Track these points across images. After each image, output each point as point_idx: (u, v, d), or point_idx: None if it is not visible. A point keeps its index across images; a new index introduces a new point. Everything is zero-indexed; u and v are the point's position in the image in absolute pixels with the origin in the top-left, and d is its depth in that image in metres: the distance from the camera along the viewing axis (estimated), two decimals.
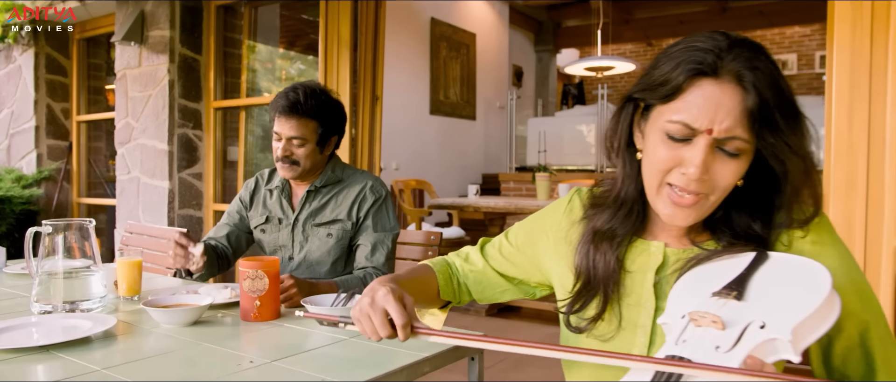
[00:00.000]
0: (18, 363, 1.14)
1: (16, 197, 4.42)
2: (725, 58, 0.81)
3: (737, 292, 0.77)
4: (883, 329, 0.87)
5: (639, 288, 0.93)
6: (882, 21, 1.84)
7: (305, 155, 1.85)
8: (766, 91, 0.80)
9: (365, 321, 0.91)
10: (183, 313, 1.39)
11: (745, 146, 0.82)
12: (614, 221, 0.95)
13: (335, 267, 1.87)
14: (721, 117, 0.80)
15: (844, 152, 1.91)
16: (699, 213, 0.87)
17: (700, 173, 0.82)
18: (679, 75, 0.83)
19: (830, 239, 0.88)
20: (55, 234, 1.48)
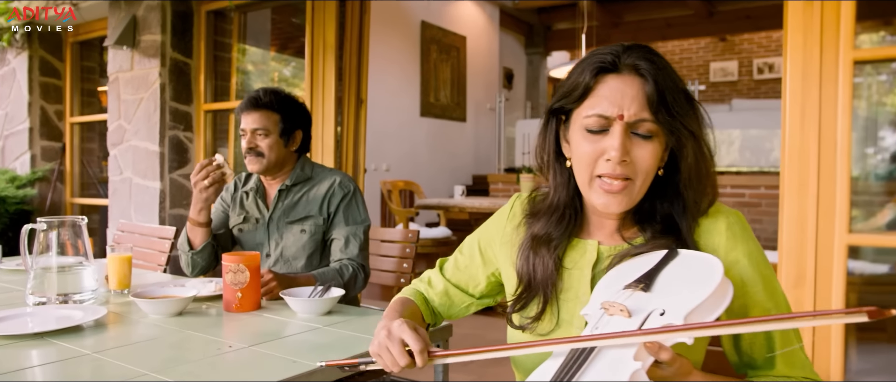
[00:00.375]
0: (15, 348, 1.23)
1: (10, 198, 4.50)
2: (623, 56, 0.94)
3: (644, 284, 0.87)
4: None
5: (577, 284, 1.01)
6: (832, 30, 1.95)
7: (269, 146, 1.96)
8: (660, 79, 0.92)
9: (384, 353, 0.95)
10: (169, 304, 1.49)
11: (653, 127, 0.93)
12: (549, 226, 1.04)
13: (311, 261, 1.97)
14: (628, 103, 0.92)
15: (797, 154, 2.01)
16: (630, 198, 0.96)
17: (621, 155, 0.92)
18: (587, 76, 0.95)
19: (744, 237, 0.97)
20: (50, 231, 1.57)
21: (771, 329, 0.79)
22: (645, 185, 0.97)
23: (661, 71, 0.93)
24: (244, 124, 1.98)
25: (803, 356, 0.97)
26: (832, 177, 1.97)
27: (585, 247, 1.03)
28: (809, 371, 0.96)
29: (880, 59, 2.02)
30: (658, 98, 0.91)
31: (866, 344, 2.14)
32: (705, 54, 10.22)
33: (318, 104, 3.36)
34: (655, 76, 0.92)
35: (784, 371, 0.95)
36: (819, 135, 1.98)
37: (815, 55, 1.97)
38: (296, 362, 1.16)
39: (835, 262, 1.97)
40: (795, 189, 2.02)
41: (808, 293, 2.01)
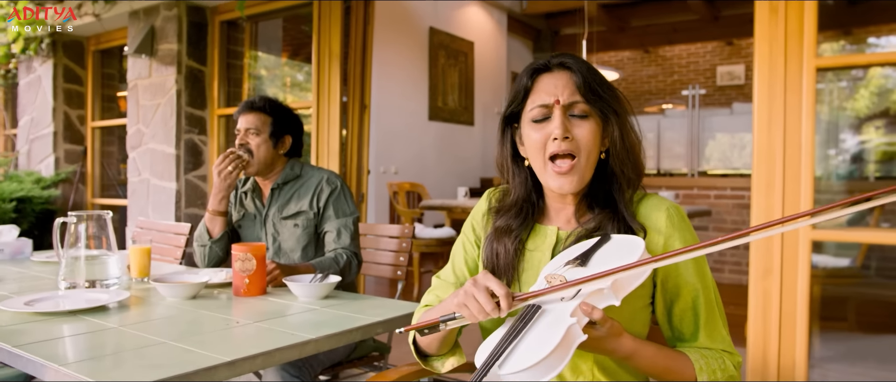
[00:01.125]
0: (49, 323, 1.42)
1: (36, 198, 4.73)
2: (553, 59, 1.15)
3: (580, 260, 1.03)
4: (711, 298, 1.13)
5: (537, 265, 1.17)
6: (795, 39, 2.10)
7: (257, 145, 2.14)
8: (584, 70, 1.11)
9: (471, 302, 0.97)
10: (185, 288, 1.67)
11: (586, 107, 1.11)
12: (510, 219, 1.20)
13: (306, 253, 2.15)
14: (560, 90, 1.11)
15: (765, 156, 2.16)
16: (579, 176, 1.11)
17: (563, 132, 1.08)
18: (525, 80, 1.15)
19: (681, 226, 1.13)
20: (79, 224, 1.76)
21: (674, 261, 0.94)
22: (589, 162, 1.12)
23: (584, 65, 1.13)
24: (239, 124, 2.18)
25: (725, 333, 1.13)
26: (797, 177, 2.11)
27: (546, 232, 1.18)
28: (728, 345, 1.12)
29: (841, 66, 2.16)
30: (585, 83, 1.10)
31: (829, 333, 2.27)
32: (712, 58, 10.30)
33: (325, 109, 3.55)
34: (580, 68, 1.12)
35: (705, 343, 1.11)
36: (784, 138, 2.12)
37: (780, 63, 2.12)
38: (295, 334, 1.33)
39: (800, 256, 2.11)
40: (764, 188, 2.17)
41: (775, 283, 2.15)
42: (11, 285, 1.89)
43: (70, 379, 1.07)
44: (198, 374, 1.10)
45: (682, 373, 1.05)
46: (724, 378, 1.08)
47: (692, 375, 1.05)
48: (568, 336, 0.88)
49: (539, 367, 0.86)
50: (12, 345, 1.22)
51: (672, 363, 1.06)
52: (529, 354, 0.87)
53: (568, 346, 0.88)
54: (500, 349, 0.90)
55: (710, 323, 1.11)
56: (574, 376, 1.11)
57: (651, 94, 10.55)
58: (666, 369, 1.05)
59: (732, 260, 5.46)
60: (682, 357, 1.07)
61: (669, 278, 1.12)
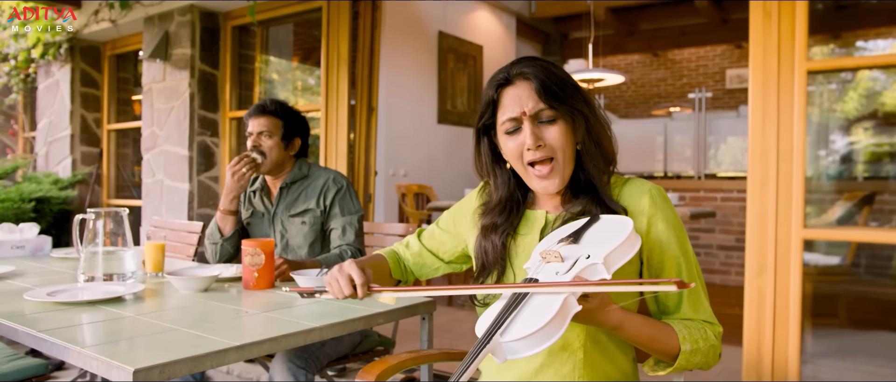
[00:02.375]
0: (69, 312, 1.50)
1: (53, 198, 4.86)
2: (512, 70, 1.21)
3: (573, 238, 1.11)
4: (693, 273, 1.21)
5: (528, 247, 1.24)
6: (787, 43, 2.15)
7: (270, 147, 2.23)
8: (543, 76, 1.17)
9: (333, 283, 1.20)
10: (197, 280, 1.76)
11: (551, 113, 1.18)
12: (496, 216, 1.29)
13: (313, 249, 2.24)
14: (524, 101, 1.18)
15: (759, 157, 2.21)
16: (560, 176, 1.20)
17: (534, 142, 1.17)
18: (491, 93, 1.23)
19: (663, 206, 1.21)
20: (97, 220, 1.85)
21: (613, 290, 0.98)
22: (567, 160, 1.20)
23: (543, 69, 1.19)
24: (251, 127, 2.26)
25: (706, 305, 1.20)
26: (789, 177, 2.16)
27: (536, 216, 1.27)
28: (710, 316, 1.20)
29: (830, 69, 2.21)
30: (545, 90, 1.17)
31: (820, 329, 2.32)
32: (721, 61, 10.31)
33: (333, 112, 3.63)
34: (538, 75, 1.18)
35: (689, 315, 1.19)
36: (777, 139, 2.18)
37: (773, 66, 2.17)
38: (300, 323, 1.41)
39: (792, 254, 2.17)
40: (758, 188, 2.22)
41: (768, 281, 2.21)
42: (33, 278, 1.99)
43: (91, 359, 1.15)
44: (209, 357, 1.18)
45: (666, 342, 1.13)
46: (706, 347, 1.14)
47: (676, 344, 1.12)
48: (564, 306, 0.95)
49: (538, 335, 0.92)
50: (37, 331, 1.31)
51: (657, 333, 1.13)
52: (528, 323, 0.94)
53: (564, 316, 0.94)
54: (500, 318, 0.97)
55: (692, 296, 1.19)
56: (565, 350, 1.18)
57: (660, 98, 10.57)
58: (651, 338, 1.12)
59: (739, 263, 5.49)
60: (667, 327, 1.14)
61: (654, 255, 1.20)
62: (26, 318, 1.43)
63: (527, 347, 0.94)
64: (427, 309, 1.68)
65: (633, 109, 10.77)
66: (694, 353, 1.12)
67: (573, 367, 1.18)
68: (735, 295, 4.96)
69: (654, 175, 7.02)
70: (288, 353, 1.90)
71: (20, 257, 2.48)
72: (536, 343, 0.93)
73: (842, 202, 2.32)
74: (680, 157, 6.89)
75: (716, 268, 5.61)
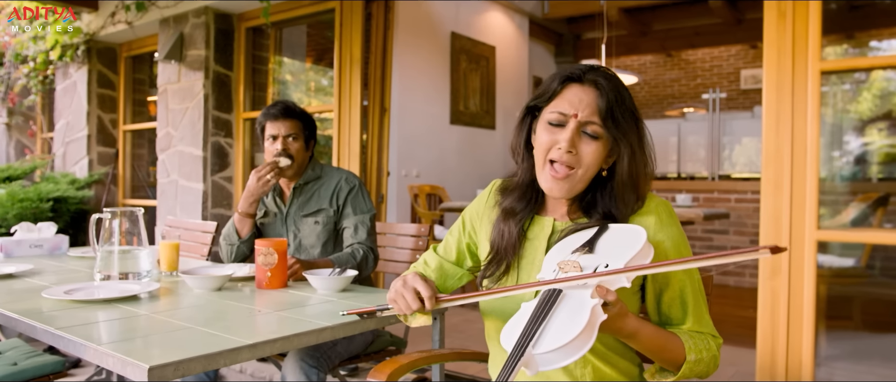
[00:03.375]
0: (86, 310, 1.53)
1: (71, 198, 4.92)
2: (588, 72, 1.20)
3: (588, 248, 1.12)
4: (696, 287, 1.21)
5: (535, 252, 1.25)
6: (801, 44, 2.14)
7: (297, 150, 2.26)
8: (613, 95, 1.17)
9: (399, 299, 1.18)
10: (211, 280, 1.78)
11: (600, 131, 1.17)
12: (515, 202, 1.29)
13: (325, 249, 2.25)
14: (583, 107, 1.17)
15: (773, 158, 2.20)
16: (570, 186, 1.19)
17: (568, 146, 1.16)
18: (556, 83, 1.21)
19: (669, 223, 1.21)
20: (113, 220, 1.87)
21: (691, 266, 1.01)
22: (585, 178, 1.20)
23: (615, 90, 1.18)
24: (276, 130, 2.25)
25: (708, 318, 1.22)
26: (803, 178, 2.15)
27: (544, 223, 1.28)
28: (712, 329, 1.22)
29: (844, 69, 2.19)
30: (607, 109, 1.16)
31: (835, 332, 2.30)
32: (736, 62, 10.23)
33: (346, 113, 3.65)
34: (609, 92, 1.17)
35: (694, 327, 1.20)
36: (791, 140, 2.16)
37: (787, 67, 2.16)
38: (313, 322, 1.43)
39: (805, 256, 2.15)
40: (772, 189, 2.21)
41: (782, 283, 2.19)
42: (51, 276, 2.02)
43: (107, 357, 1.17)
44: (223, 355, 1.20)
45: (674, 351, 1.15)
46: (708, 357, 1.17)
47: (682, 353, 1.15)
48: (593, 315, 0.96)
49: (571, 345, 0.93)
50: (55, 328, 1.33)
51: (667, 342, 1.15)
52: (560, 334, 0.94)
53: (593, 325, 0.95)
54: (530, 330, 0.97)
55: (697, 310, 1.20)
56: None
57: (674, 98, 10.51)
58: (661, 347, 1.14)
59: (753, 264, 5.45)
60: (675, 337, 1.16)
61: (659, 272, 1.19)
62: (44, 316, 1.45)
63: (560, 358, 0.94)
64: (439, 310, 1.69)
65: (647, 110, 10.72)
66: (697, 363, 1.15)
67: (577, 373, 1.20)
68: (749, 297, 4.92)
69: (668, 176, 6.98)
70: (300, 352, 1.91)
71: (38, 256, 2.52)
72: (570, 354, 0.93)
73: (856, 203, 2.30)
74: (694, 158, 6.85)
75: (729, 270, 5.58)
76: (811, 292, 2.14)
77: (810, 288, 2.14)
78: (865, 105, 2.25)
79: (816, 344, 2.15)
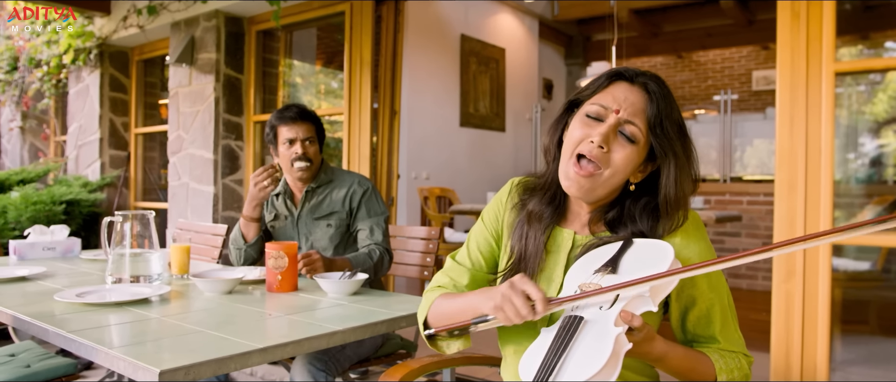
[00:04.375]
0: (97, 313, 1.53)
1: (83, 201, 4.96)
2: (639, 75, 1.13)
3: (611, 268, 1.04)
4: (725, 304, 1.15)
5: (555, 266, 1.18)
6: (815, 45, 2.12)
7: (314, 153, 2.28)
8: (662, 104, 1.10)
9: (508, 305, 0.99)
10: (221, 283, 1.78)
11: (639, 135, 1.09)
12: (542, 205, 1.20)
13: (337, 252, 2.26)
14: (627, 105, 1.10)
15: (787, 160, 2.18)
16: (591, 186, 1.10)
17: (601, 140, 1.08)
18: (604, 79, 1.15)
19: (697, 237, 1.14)
20: (124, 223, 1.88)
21: (747, 262, 0.91)
22: (610, 183, 1.11)
23: (665, 99, 1.10)
24: (293, 134, 2.24)
25: (738, 335, 1.16)
26: (817, 181, 2.13)
27: (563, 235, 1.20)
28: (742, 347, 1.16)
29: (858, 70, 2.17)
30: (654, 115, 1.09)
31: (850, 336, 2.28)
32: (747, 63, 10.17)
33: (356, 115, 3.66)
34: (659, 99, 1.10)
35: (726, 347, 1.15)
36: (806, 142, 2.14)
37: (801, 68, 2.14)
38: (323, 326, 1.42)
39: (820, 259, 2.13)
40: (786, 191, 2.19)
41: (797, 286, 2.17)
42: (63, 279, 2.03)
43: (119, 360, 1.17)
44: (233, 359, 1.19)
45: (704, 373, 1.10)
46: (740, 376, 1.12)
47: (713, 375, 1.10)
48: (617, 345, 0.90)
49: (596, 378, 0.87)
50: (67, 331, 1.33)
51: (696, 364, 1.10)
52: (583, 367, 0.89)
53: (618, 355, 0.90)
54: (551, 361, 0.91)
55: (725, 329, 1.15)
56: None
57: (685, 100, 10.46)
58: (691, 369, 1.09)
59: (765, 267, 5.40)
60: (705, 357, 1.11)
61: (685, 288, 1.13)
62: (56, 319, 1.46)
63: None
64: None
65: None
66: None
67: None
68: (762, 300, 4.88)
69: None
70: (309, 356, 1.91)
71: (51, 258, 2.53)
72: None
73: (871, 206, 2.28)
74: (705, 160, 6.80)
75: (742, 273, 5.53)
76: (826, 295, 2.11)
77: (825, 292, 2.12)
78: (881, 106, 2.22)
79: (831, 348, 2.12)
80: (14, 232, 4.38)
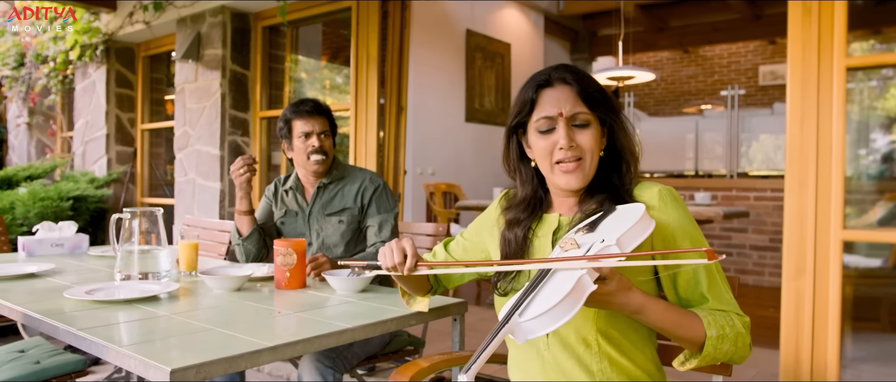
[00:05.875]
0: (106, 311, 1.53)
1: (90, 197, 4.97)
2: (553, 74, 1.25)
3: (588, 227, 1.13)
4: (711, 268, 1.19)
5: (543, 249, 1.27)
6: (827, 39, 2.10)
7: (330, 146, 2.29)
8: (583, 82, 1.23)
9: (387, 252, 1.25)
10: (230, 280, 1.78)
11: (587, 116, 1.22)
12: (519, 212, 1.32)
13: (348, 248, 2.25)
14: (563, 103, 1.22)
15: (797, 156, 2.16)
16: (583, 174, 1.23)
17: (568, 142, 1.21)
18: (530, 93, 1.25)
19: (673, 205, 1.21)
20: (132, 220, 1.88)
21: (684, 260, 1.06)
22: (593, 162, 1.24)
23: (582, 77, 1.24)
24: (308, 127, 2.25)
25: (730, 297, 1.20)
26: (828, 177, 2.11)
27: (549, 220, 1.30)
28: (735, 307, 1.19)
29: (871, 65, 2.15)
30: (584, 94, 1.22)
31: (861, 333, 2.26)
32: (754, 57, 10.12)
33: (362, 111, 3.65)
34: (579, 80, 1.23)
35: (716, 306, 1.17)
36: (816, 138, 2.12)
37: (812, 63, 2.12)
38: (333, 324, 1.42)
39: (831, 256, 2.11)
40: (796, 188, 2.17)
41: (807, 284, 2.15)
42: (72, 276, 2.03)
43: (129, 359, 1.17)
44: (243, 357, 1.19)
45: (691, 328, 1.11)
46: (733, 334, 1.13)
47: (701, 330, 1.11)
48: (579, 284, 0.97)
49: (553, 312, 0.94)
50: (76, 329, 1.33)
51: (681, 318, 1.12)
52: (544, 302, 0.97)
53: (579, 293, 0.96)
54: (520, 301, 0.99)
55: (713, 289, 1.18)
56: (584, 346, 1.19)
57: (691, 95, 10.42)
58: (675, 323, 1.11)
59: (772, 263, 5.38)
60: (691, 313, 1.14)
61: (668, 256, 1.18)
62: (66, 316, 1.46)
63: (543, 325, 0.96)
64: (459, 310, 1.68)
65: (664, 107, 10.63)
66: (721, 340, 1.11)
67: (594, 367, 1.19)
68: (769, 296, 4.86)
69: (685, 174, 6.91)
70: (316, 353, 1.91)
71: (59, 255, 2.54)
72: (552, 321, 0.95)
73: (883, 202, 2.25)
74: (711, 156, 6.77)
75: (749, 269, 5.51)
76: (837, 293, 2.10)
77: (836, 289, 2.10)
78: (893, 102, 2.20)
79: (842, 346, 2.11)
80: (22, 228, 4.40)
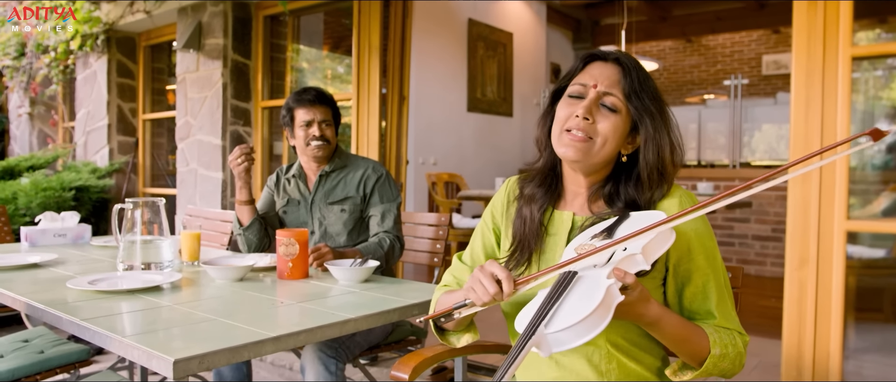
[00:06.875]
0: (109, 301, 1.53)
1: (92, 187, 4.97)
2: (610, 53, 1.21)
3: (607, 233, 1.09)
4: (720, 282, 1.18)
5: (556, 247, 1.23)
6: (832, 29, 2.08)
7: (332, 134, 2.28)
8: (636, 75, 1.18)
9: (477, 286, 1.06)
10: (232, 270, 1.78)
11: (619, 104, 1.17)
12: (535, 187, 1.28)
13: (351, 237, 2.25)
14: (603, 79, 1.18)
15: (802, 145, 2.15)
16: (586, 152, 1.17)
17: (585, 113, 1.16)
18: (579, 63, 1.23)
19: (694, 217, 1.14)
20: (135, 210, 1.88)
21: (697, 214, 1.00)
22: (603, 153, 1.18)
23: (637, 70, 1.18)
24: (310, 115, 2.24)
25: (734, 314, 1.18)
26: (832, 167, 2.10)
27: (563, 217, 1.25)
28: (738, 326, 1.18)
29: (876, 55, 2.13)
30: (629, 85, 1.17)
31: (864, 323, 2.26)
32: (758, 47, 10.07)
33: (365, 101, 3.64)
34: (633, 71, 1.18)
35: (722, 323, 1.16)
36: (821, 127, 2.11)
37: (817, 53, 2.11)
38: (335, 314, 1.42)
39: (834, 246, 2.11)
40: (799, 178, 2.16)
41: (810, 274, 2.15)
42: (75, 266, 2.04)
43: (132, 349, 1.17)
44: (246, 348, 1.19)
45: (698, 344, 1.12)
46: (734, 353, 1.14)
47: (707, 346, 1.11)
48: (608, 295, 0.93)
49: (583, 324, 0.90)
50: (80, 319, 1.33)
51: (691, 333, 1.12)
52: (573, 313, 0.92)
53: (609, 305, 0.93)
54: (543, 310, 0.94)
55: (721, 306, 1.17)
56: (592, 353, 1.17)
57: (693, 84, 10.38)
58: (685, 338, 1.11)
59: (774, 253, 5.38)
60: (700, 330, 1.13)
61: (682, 263, 1.17)
62: (69, 306, 1.46)
63: (573, 338, 0.91)
64: None
65: (666, 97, 10.29)
66: (722, 358, 1.12)
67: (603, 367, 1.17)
68: (770, 286, 4.86)
69: (688, 163, 6.90)
70: (319, 343, 1.91)
71: (62, 245, 2.54)
72: (582, 333, 0.91)
73: (888, 193, 2.25)
74: (714, 146, 6.76)
75: (751, 259, 5.51)
76: (840, 283, 2.09)
77: (839, 280, 2.10)
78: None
79: (845, 337, 2.11)
80: (25, 218, 4.40)
